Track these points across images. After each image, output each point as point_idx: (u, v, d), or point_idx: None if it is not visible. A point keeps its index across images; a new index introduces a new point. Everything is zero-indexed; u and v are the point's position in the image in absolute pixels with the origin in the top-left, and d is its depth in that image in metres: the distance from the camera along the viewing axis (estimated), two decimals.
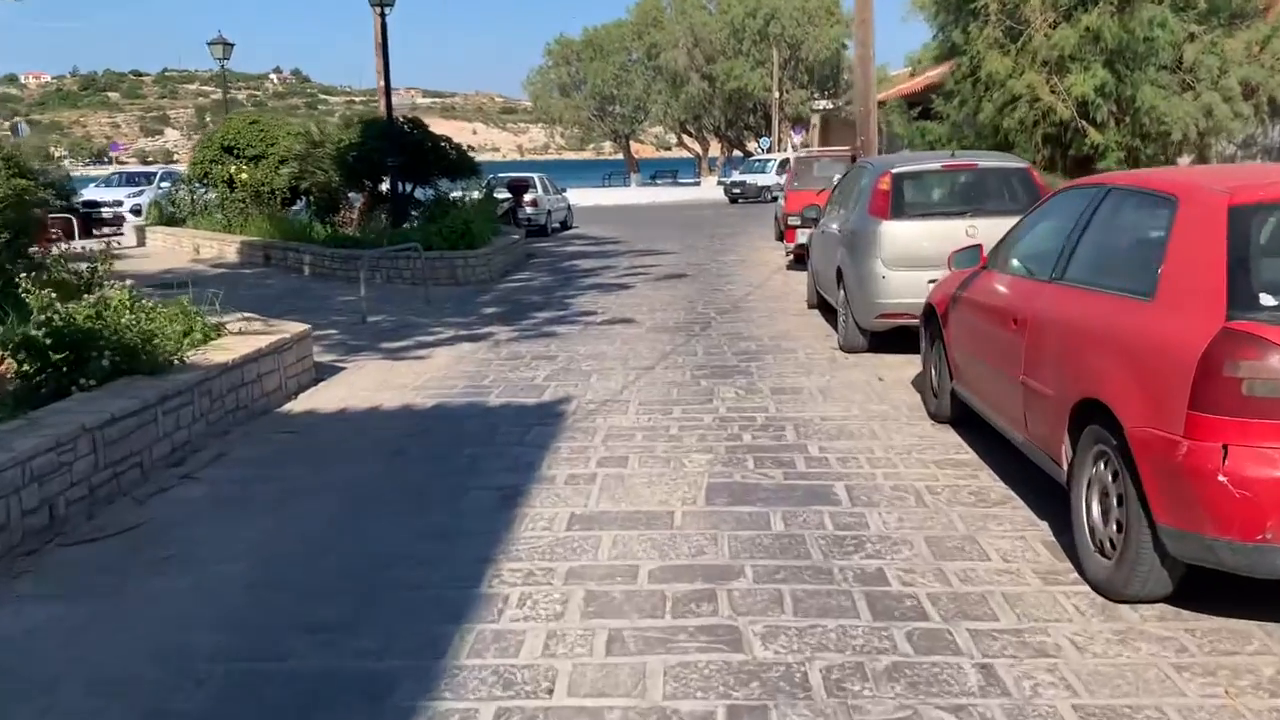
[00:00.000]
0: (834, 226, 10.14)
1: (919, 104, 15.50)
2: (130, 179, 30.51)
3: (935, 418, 6.63)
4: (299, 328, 8.42)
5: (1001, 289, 5.49)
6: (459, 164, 18.66)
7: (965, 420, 6.37)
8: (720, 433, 6.51)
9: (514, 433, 6.69)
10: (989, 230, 8.18)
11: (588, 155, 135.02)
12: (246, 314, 9.03)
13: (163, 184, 27.94)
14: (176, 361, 6.79)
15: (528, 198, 24.62)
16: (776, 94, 48.96)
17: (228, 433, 6.82)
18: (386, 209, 18.66)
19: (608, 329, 10.83)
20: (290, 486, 5.66)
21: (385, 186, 18.78)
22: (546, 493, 5.40)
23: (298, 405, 7.71)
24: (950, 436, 6.32)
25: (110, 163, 53.93)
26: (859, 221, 8.88)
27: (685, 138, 59.57)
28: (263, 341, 7.65)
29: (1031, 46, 12.23)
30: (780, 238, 20.13)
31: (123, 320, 6.55)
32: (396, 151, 17.43)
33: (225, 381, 6.96)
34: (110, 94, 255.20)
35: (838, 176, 15.34)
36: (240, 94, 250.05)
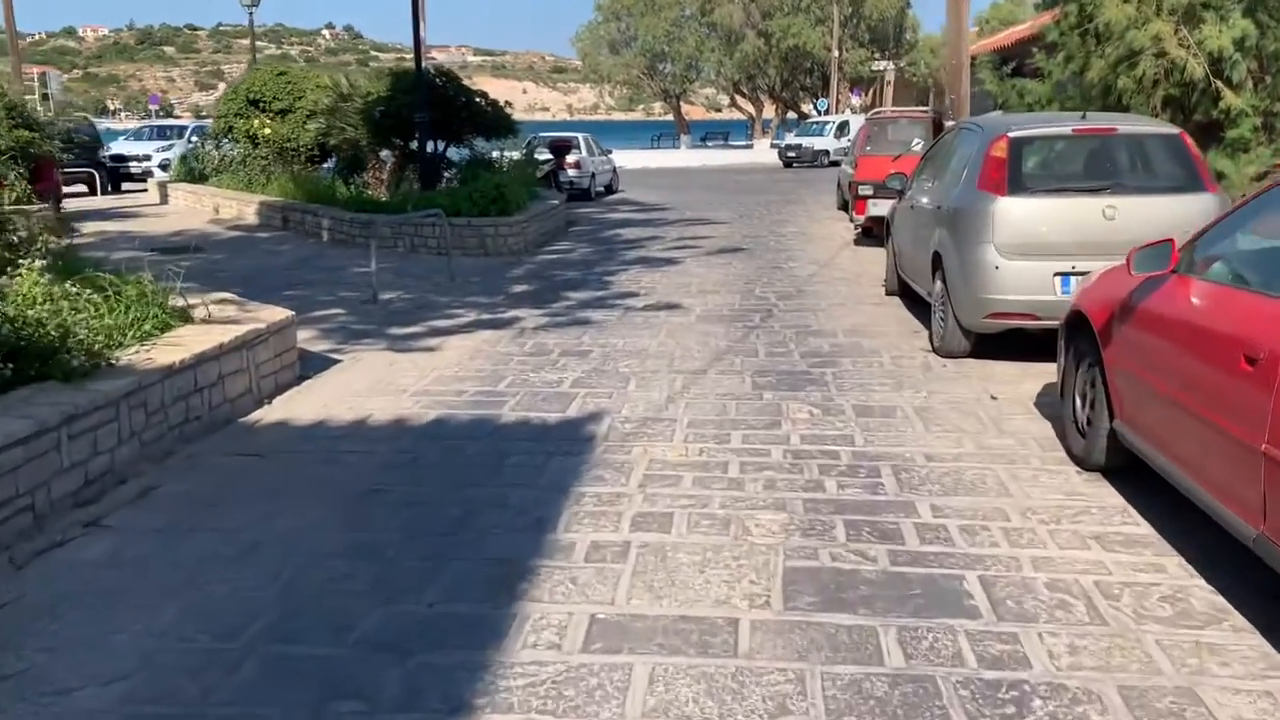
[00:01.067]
0: (924, 200, 8.48)
1: (1011, 60, 13.64)
2: (161, 132, 29.37)
3: (1082, 463, 5.02)
4: (279, 315, 6.97)
5: (1219, 307, 3.85)
6: (495, 122, 17.10)
7: (1128, 469, 4.76)
8: (795, 476, 4.96)
9: (527, 466, 5.19)
10: (1132, 212, 6.55)
11: (637, 116, 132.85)
12: (225, 294, 7.60)
13: (194, 139, 26.71)
14: (107, 364, 5.37)
15: (570, 159, 23.01)
16: (836, 53, 46.68)
17: (170, 454, 5.40)
18: (418, 169, 17.19)
19: (651, 317, 9.29)
20: (215, 546, 4.22)
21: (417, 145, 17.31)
22: (560, 575, 3.90)
23: (270, 414, 6.27)
24: (1108, 494, 4.71)
25: (154, 116, 53.01)
26: (964, 197, 7.22)
27: (738, 98, 57.38)
28: (227, 335, 6.21)
29: None
30: (845, 207, 18.40)
31: (31, 312, 5.13)
32: (426, 107, 15.93)
33: (171, 388, 5.53)
34: (166, 48, 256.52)
35: (919, 141, 13.63)
36: (293, 49, 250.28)
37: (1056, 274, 6.67)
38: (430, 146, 17.30)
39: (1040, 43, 12.17)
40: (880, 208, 13.22)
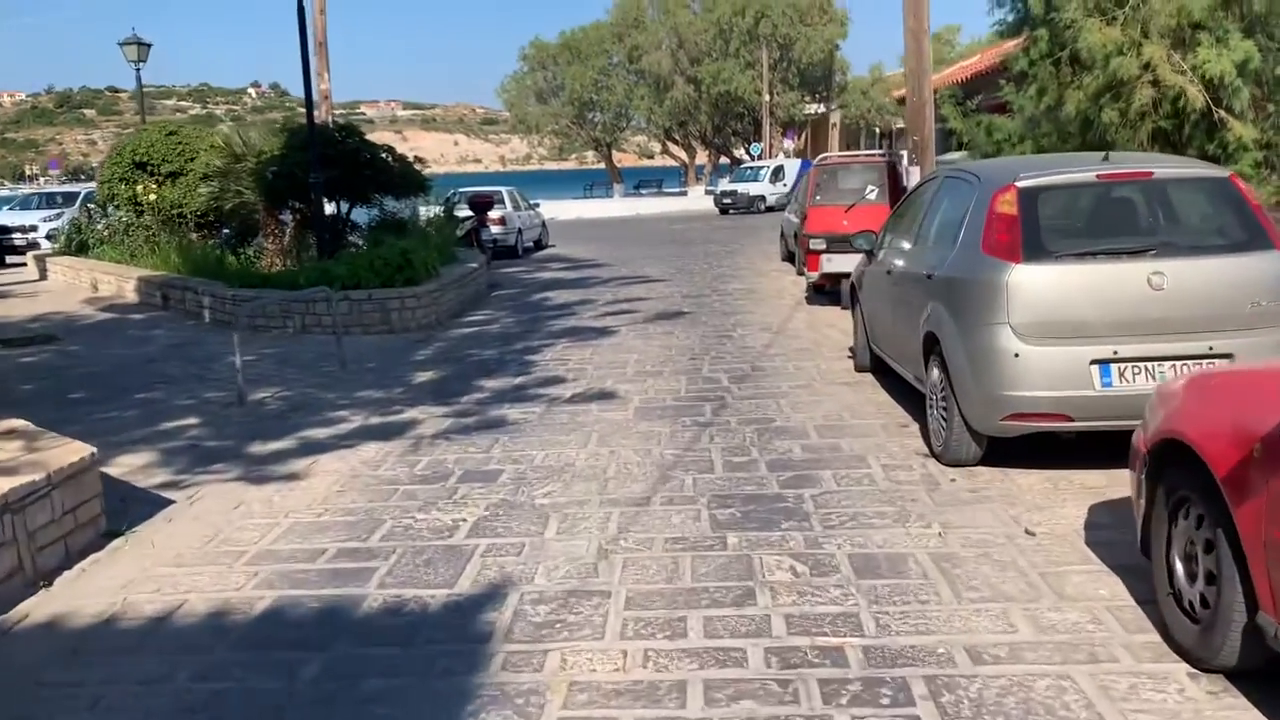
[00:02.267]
0: (903, 264, 6.98)
1: (973, 94, 12.38)
2: (50, 200, 27.14)
3: (1196, 661, 3.45)
4: (73, 456, 5.18)
5: None
6: (404, 179, 15.47)
7: (1270, 673, 3.21)
8: (790, 710, 3.32)
9: (384, 699, 3.48)
10: (1185, 279, 5.13)
11: (570, 165, 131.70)
12: (12, 423, 5.79)
13: (90, 205, 24.60)
14: None
15: (493, 215, 21.39)
16: (767, 97, 45.92)
17: None
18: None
19: (580, 412, 7.64)
20: None
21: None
22: None
23: (42, 605, 4.47)
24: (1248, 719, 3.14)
25: (58, 181, 50.55)
26: (963, 264, 5.70)
27: (670, 145, 56.42)
28: None
29: (1146, 11, 9.10)
30: (791, 259, 17.05)
31: None
32: (320, 166, 14.28)
33: None
34: (86, 111, 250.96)
35: (874, 189, 12.28)
36: (219, 109, 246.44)
37: (1094, 361, 5.17)
38: (331, 208, 15.62)
39: (1006, 74, 10.92)
40: (835, 263, 11.82)
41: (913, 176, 12.96)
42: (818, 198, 12.40)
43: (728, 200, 37.94)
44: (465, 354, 10.43)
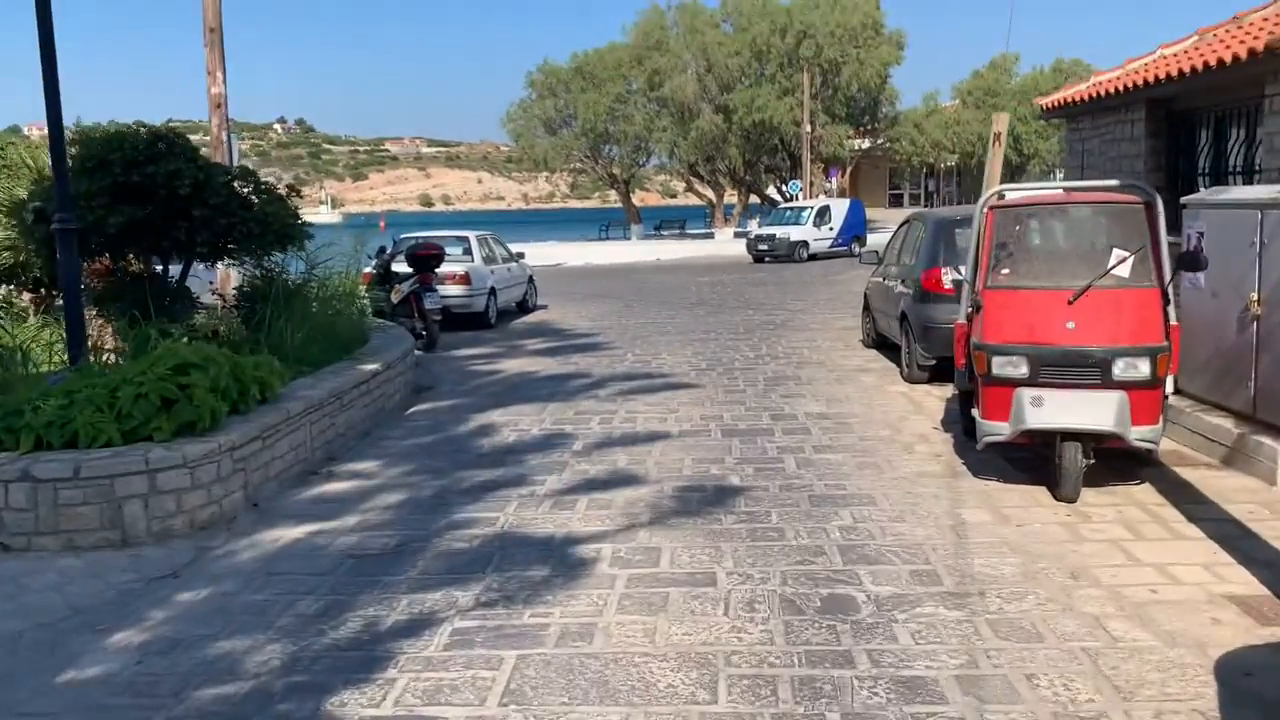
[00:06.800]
0: None
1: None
2: None
3: None
4: None
5: None
6: (265, 224, 9.36)
7: None
8: None
9: None
10: None
11: (593, 203, 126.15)
12: None
13: None
14: None
15: (453, 270, 15.30)
16: (808, 128, 39.88)
17: None
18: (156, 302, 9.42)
19: None
20: None
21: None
22: None
23: None
24: None
25: None
26: None
27: (695, 182, 50.46)
28: None
29: None
30: (883, 347, 11.00)
31: None
32: (124, 198, 8.39)
33: None
34: None
35: (1122, 254, 6.09)
36: (244, 144, 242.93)
37: None
38: (173, 267, 9.77)
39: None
40: (1052, 411, 5.67)
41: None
42: (1002, 271, 6.18)
43: (764, 246, 31.85)
44: (222, 655, 4.27)
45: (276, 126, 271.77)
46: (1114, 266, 5.93)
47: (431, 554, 5.49)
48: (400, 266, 14.37)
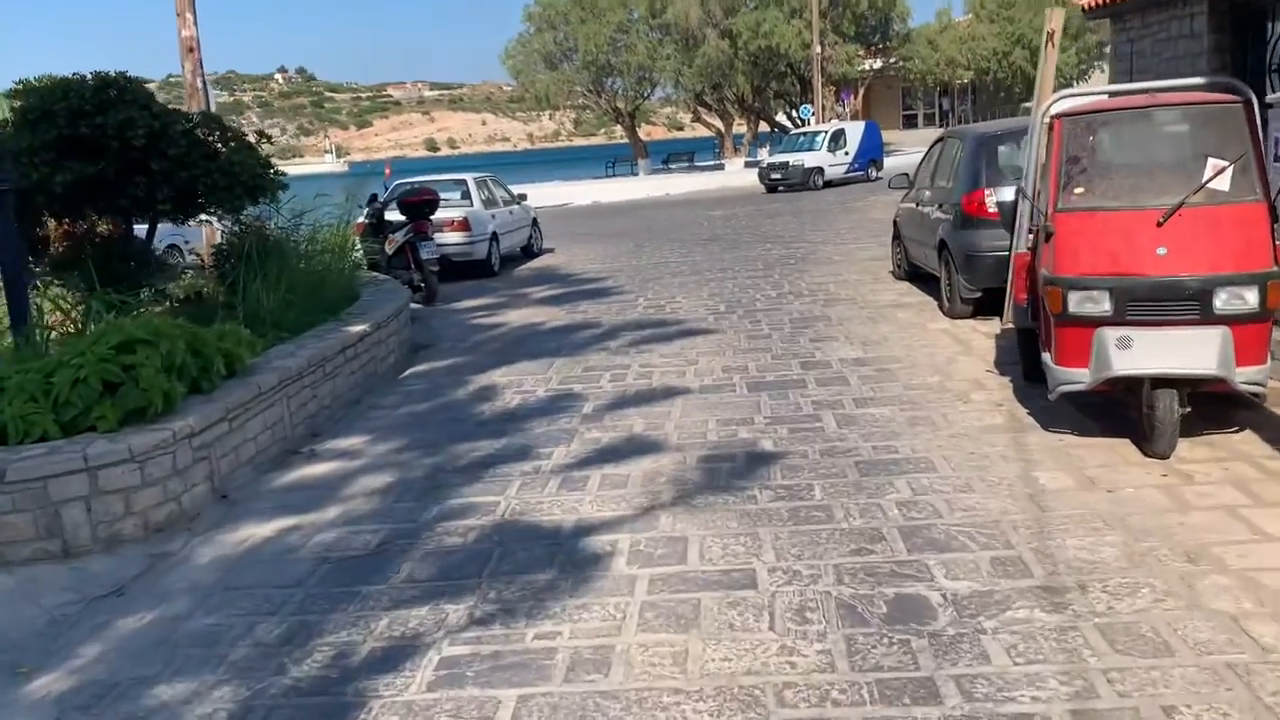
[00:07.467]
0: None
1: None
2: None
3: None
4: None
5: None
6: (232, 175, 8.45)
7: None
8: None
9: None
10: None
11: (600, 140, 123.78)
12: None
13: None
14: None
15: (446, 216, 14.37)
16: (818, 49, 38.32)
17: None
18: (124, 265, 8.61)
19: None
20: None
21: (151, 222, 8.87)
22: None
23: None
24: None
25: None
26: None
27: (701, 112, 48.89)
28: None
29: None
30: (915, 278, 10.10)
31: None
32: (71, 154, 7.53)
33: None
34: None
35: (1217, 164, 5.12)
36: (246, 95, 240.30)
37: None
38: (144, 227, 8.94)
39: None
40: (1141, 355, 4.79)
41: None
42: (1076, 190, 5.23)
43: (777, 175, 30.66)
44: (156, 709, 3.50)
45: (278, 76, 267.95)
46: (1210, 179, 4.97)
47: (419, 554, 4.69)
48: (394, 215, 13.46)
